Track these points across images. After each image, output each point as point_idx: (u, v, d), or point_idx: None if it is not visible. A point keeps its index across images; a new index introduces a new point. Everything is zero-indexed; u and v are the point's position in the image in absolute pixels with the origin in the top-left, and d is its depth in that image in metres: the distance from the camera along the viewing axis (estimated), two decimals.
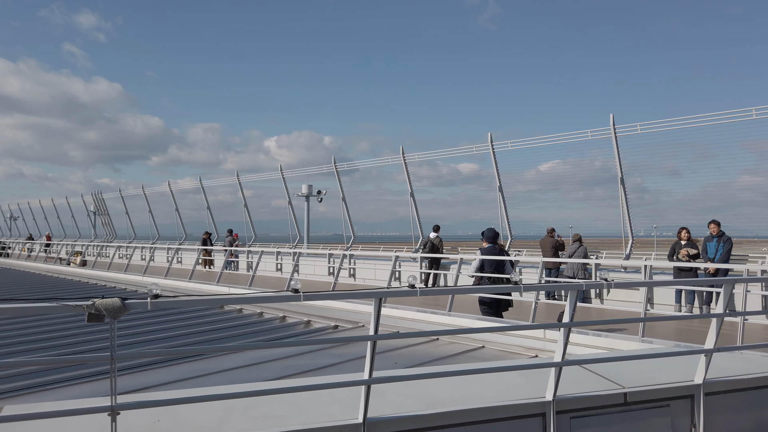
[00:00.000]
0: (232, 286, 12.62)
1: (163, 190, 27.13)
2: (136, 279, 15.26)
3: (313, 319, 8.60)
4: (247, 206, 22.43)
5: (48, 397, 4.52)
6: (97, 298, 2.77)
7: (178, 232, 25.95)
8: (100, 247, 23.85)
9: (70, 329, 7.61)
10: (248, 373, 5.45)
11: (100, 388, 4.66)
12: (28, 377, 5.05)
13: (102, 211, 31.88)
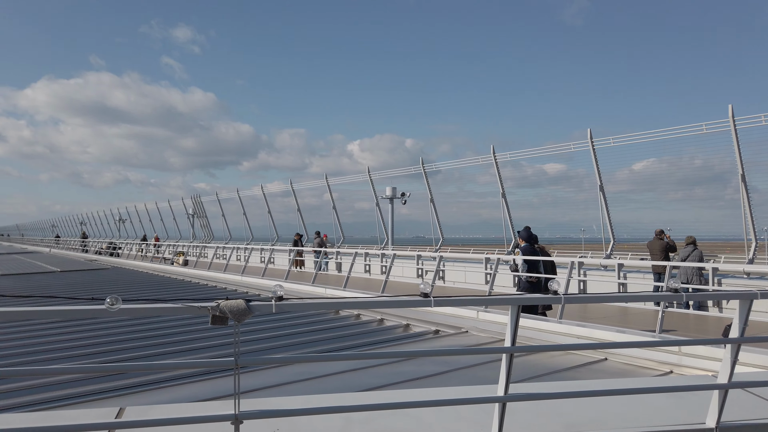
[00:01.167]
0: (328, 287, 12.63)
1: (253, 193, 28.11)
2: (235, 279, 15.72)
3: (412, 322, 8.33)
4: (336, 208, 22.70)
5: (166, 395, 4.53)
6: (222, 300, 2.62)
7: (270, 234, 26.76)
8: (199, 248, 24.98)
9: (184, 328, 7.75)
10: (355, 378, 5.24)
11: (217, 387, 4.64)
12: (147, 374, 5.12)
13: (200, 214, 33.54)
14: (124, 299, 2.40)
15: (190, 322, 7.92)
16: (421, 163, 18.46)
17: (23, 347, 6.93)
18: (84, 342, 7.08)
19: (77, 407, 4.12)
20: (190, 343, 6.82)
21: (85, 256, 32.12)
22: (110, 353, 6.45)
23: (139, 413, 3.32)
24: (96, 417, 3.22)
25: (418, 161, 18.70)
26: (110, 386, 4.81)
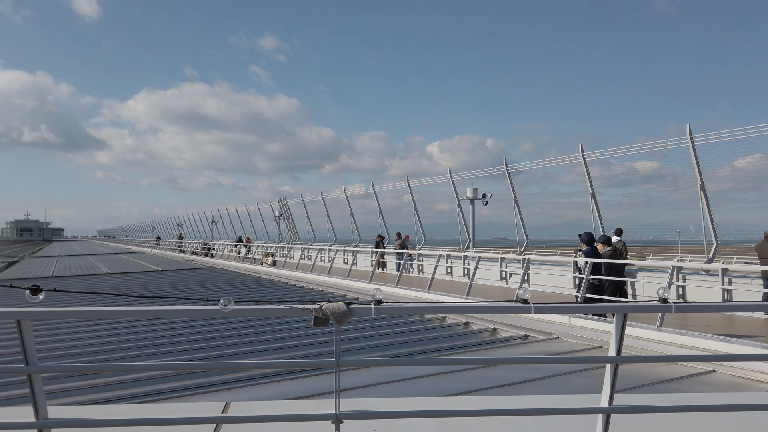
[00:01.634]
0: (412, 289, 12.68)
1: (335, 196, 28.73)
2: (321, 279, 16.14)
3: (499, 326, 8.19)
4: (417, 210, 22.74)
5: (268, 391, 4.73)
6: (323, 302, 2.70)
7: (353, 235, 27.26)
8: (286, 249, 25.87)
9: (277, 326, 8.05)
10: (445, 381, 5.23)
11: (314, 385, 4.79)
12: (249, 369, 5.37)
13: (286, 216, 34.76)
14: (197, 298, 2.54)
15: (282, 321, 8.22)
16: (504, 163, 18.12)
17: (128, 342, 7.48)
18: (186, 338, 7.54)
19: (186, 400, 4.39)
20: (284, 341, 7.09)
21: (182, 256, 34.17)
22: (212, 349, 6.83)
23: (245, 409, 3.48)
24: (204, 411, 3.42)
25: (498, 161, 18.48)
26: (215, 380, 5.09)
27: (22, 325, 2.50)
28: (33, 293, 2.33)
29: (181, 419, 3.10)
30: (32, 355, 2.58)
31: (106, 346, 7.14)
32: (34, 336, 2.59)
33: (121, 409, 3.47)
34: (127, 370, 5.47)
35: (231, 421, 3.17)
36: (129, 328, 8.25)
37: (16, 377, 5.10)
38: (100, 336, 7.84)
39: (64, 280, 18.25)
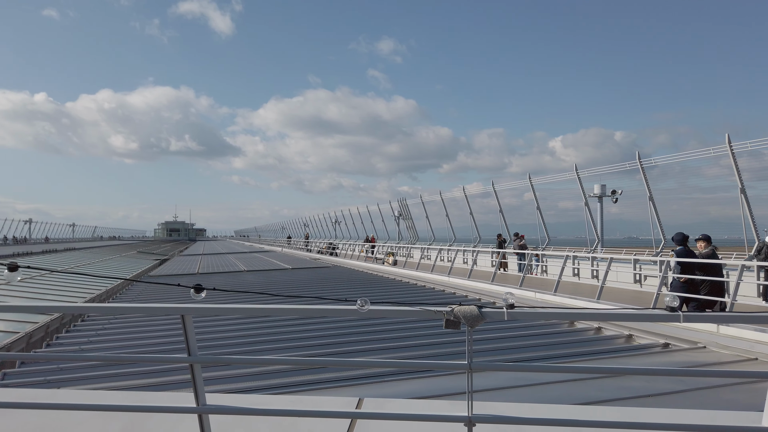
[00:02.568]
0: (537, 291, 12.30)
1: (453, 195, 28.61)
2: (441, 279, 16.19)
3: (635, 333, 7.68)
4: (540, 208, 21.99)
5: (399, 389, 4.87)
6: (455, 305, 2.73)
7: (472, 235, 27.00)
8: (406, 249, 26.26)
9: (410, 330, 8.22)
10: (576, 389, 5.02)
11: (444, 385, 4.85)
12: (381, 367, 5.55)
13: (406, 216, 35.31)
14: (348, 298, 2.65)
15: (407, 320, 8.36)
16: (637, 157, 16.93)
17: (265, 336, 8.03)
18: (314, 334, 7.95)
19: (319, 394, 4.64)
20: (409, 339, 7.23)
21: (309, 255, 35.97)
22: (341, 345, 7.15)
23: (377, 405, 3.61)
24: (339, 405, 3.59)
25: (628, 155, 17.39)
26: (346, 376, 5.32)
27: (185, 320, 2.80)
28: (196, 291, 2.60)
29: (319, 412, 3.28)
30: (193, 346, 2.88)
31: (244, 339, 7.74)
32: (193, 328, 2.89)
33: (264, 399, 3.75)
34: (275, 363, 5.86)
35: (365, 417, 3.30)
36: (267, 324, 8.85)
37: (178, 365, 5.70)
38: (241, 329, 8.51)
39: (207, 277, 20.01)
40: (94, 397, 3.81)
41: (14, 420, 3.52)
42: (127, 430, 3.39)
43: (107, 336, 8.76)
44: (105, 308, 2.95)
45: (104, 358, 5.22)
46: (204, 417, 2.97)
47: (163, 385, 5.26)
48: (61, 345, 8.18)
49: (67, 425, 3.47)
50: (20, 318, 10.44)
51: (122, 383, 5.32)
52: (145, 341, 8.10)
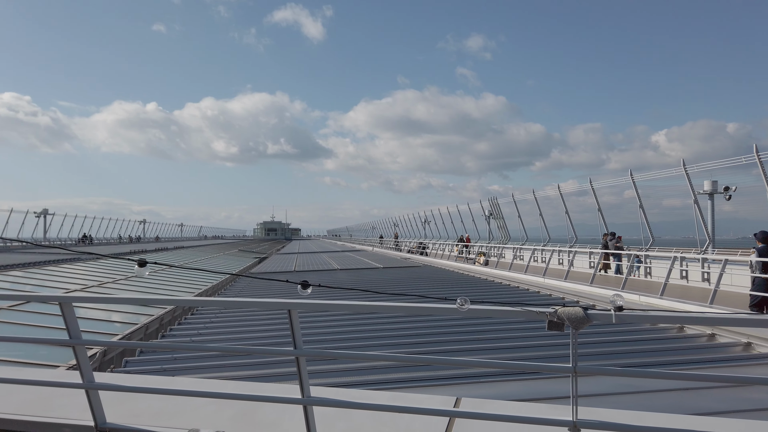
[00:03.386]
0: (642, 294, 11.65)
1: (547, 194, 27.67)
2: (536, 280, 15.76)
3: (754, 341, 7.06)
4: (643, 207, 20.74)
5: (497, 390, 4.82)
6: (558, 306, 2.66)
7: (567, 234, 26.00)
8: (497, 249, 25.78)
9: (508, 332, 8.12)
10: (687, 399, 4.73)
11: (543, 388, 4.74)
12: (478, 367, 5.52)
13: (497, 215, 34.67)
14: (442, 297, 2.65)
15: (504, 320, 8.22)
16: (754, 150, 15.52)
17: (363, 332, 8.20)
18: (411, 332, 8.01)
19: (417, 391, 4.69)
20: (507, 341, 7.11)
21: (400, 255, 36.30)
22: (437, 344, 7.17)
23: (475, 405, 3.59)
24: (437, 403, 3.61)
25: (743, 149, 15.95)
26: (444, 374, 5.34)
27: (292, 315, 2.94)
28: (303, 287, 2.72)
29: (419, 408, 3.31)
30: (299, 340, 3.02)
31: (344, 335, 7.96)
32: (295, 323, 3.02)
33: (364, 394, 3.85)
34: (376, 359, 6.00)
35: (464, 416, 3.29)
36: (368, 320, 9.04)
37: (284, 358, 5.97)
38: (343, 325, 8.75)
39: (303, 275, 20.77)
40: (208, 385, 4.09)
41: (138, 403, 3.86)
42: (238, 417, 3.61)
43: (215, 328, 9.35)
44: (221, 302, 3.17)
45: (218, 348, 5.59)
46: (309, 408, 3.10)
47: (269, 376, 5.54)
48: (174, 336, 8.84)
49: (184, 410, 3.75)
50: (137, 310, 11.38)
51: (232, 373, 5.67)
52: (250, 334, 8.55)
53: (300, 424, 3.20)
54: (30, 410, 3.80)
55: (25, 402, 3.93)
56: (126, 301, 6.39)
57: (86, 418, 3.55)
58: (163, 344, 7.66)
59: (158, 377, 4.86)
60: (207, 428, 3.37)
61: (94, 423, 3.48)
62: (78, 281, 15.71)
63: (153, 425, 3.49)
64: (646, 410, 4.23)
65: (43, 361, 7.30)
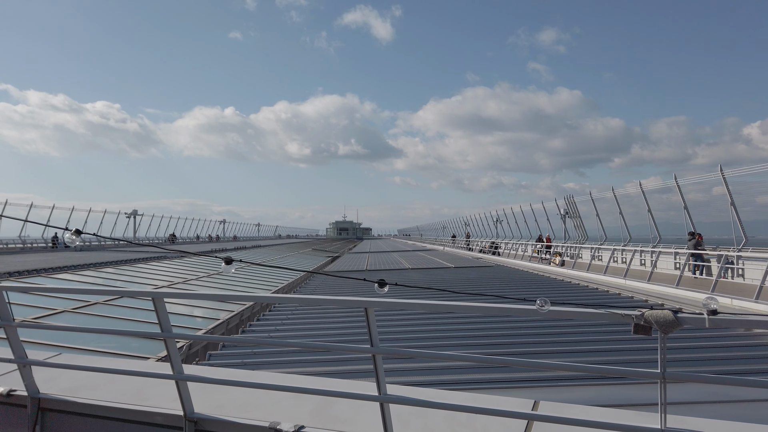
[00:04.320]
0: (734, 297, 10.92)
1: (627, 191, 26.42)
2: (616, 281, 15.13)
3: None
4: (734, 204, 19.40)
5: (576, 394, 4.68)
6: (646, 309, 2.54)
7: (650, 233, 24.74)
8: (574, 248, 24.94)
9: (588, 334, 7.87)
10: None
11: (622, 393, 4.55)
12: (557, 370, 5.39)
13: (573, 214, 33.53)
14: (518, 298, 2.58)
15: (582, 323, 7.96)
16: None
17: (437, 332, 8.18)
18: (486, 333, 7.91)
19: (492, 393, 4.62)
20: (587, 344, 6.88)
21: (471, 254, 35.92)
22: (513, 345, 7.04)
23: (554, 409, 3.49)
24: (514, 405, 3.54)
25: None
26: (520, 377, 5.24)
27: (368, 313, 2.98)
28: (380, 286, 2.76)
29: (496, 410, 3.26)
30: (375, 338, 3.05)
31: (419, 334, 7.97)
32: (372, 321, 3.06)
33: (440, 393, 3.84)
34: (452, 359, 5.98)
35: (543, 420, 3.21)
36: (442, 320, 9.01)
37: (359, 355, 6.07)
38: (418, 324, 8.77)
39: (375, 274, 20.98)
40: (288, 380, 4.22)
41: (222, 395, 4.04)
42: (315, 411, 3.70)
43: (291, 325, 9.64)
44: (301, 299, 3.26)
45: (298, 344, 5.77)
46: (385, 406, 3.13)
47: (344, 373, 5.65)
48: (252, 332, 9.19)
49: (265, 403, 3.89)
50: (218, 306, 11.91)
51: (309, 368, 5.83)
52: (324, 330, 8.75)
53: (375, 420, 3.23)
54: (126, 399, 4.07)
55: (121, 391, 4.22)
56: (215, 298, 6.71)
57: (175, 407, 3.76)
58: (247, 339, 7.98)
59: (241, 371, 5.07)
60: (287, 422, 3.48)
61: (183, 412, 3.68)
62: (164, 278, 16.65)
63: (237, 417, 3.64)
64: (741, 420, 3.97)
65: (133, 353, 7.81)
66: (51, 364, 4.49)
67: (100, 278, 15.79)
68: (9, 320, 3.95)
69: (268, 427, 3.45)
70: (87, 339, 8.30)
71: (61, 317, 9.68)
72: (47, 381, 4.26)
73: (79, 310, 10.23)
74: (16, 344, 4.00)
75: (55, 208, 40.55)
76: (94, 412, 4.04)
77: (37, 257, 24.40)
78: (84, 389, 4.25)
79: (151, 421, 3.87)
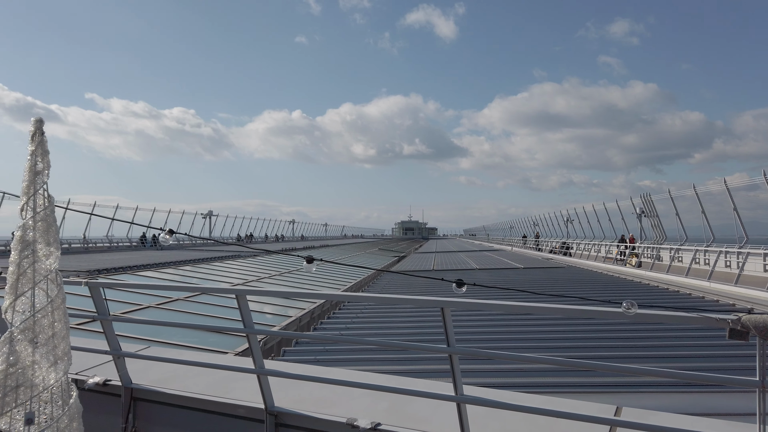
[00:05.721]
0: None
1: (708, 189, 24.90)
2: (699, 284, 14.33)
3: None
4: None
5: (660, 401, 4.48)
6: (743, 313, 2.40)
7: (736, 233, 23.23)
8: (653, 249, 23.82)
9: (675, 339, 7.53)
10: None
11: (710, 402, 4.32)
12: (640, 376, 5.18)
13: (651, 213, 32.01)
14: (588, 298, 2.49)
15: (664, 326, 7.59)
16: None
17: (515, 333, 8.02)
18: (571, 335, 7.69)
19: (573, 397, 4.50)
20: (677, 349, 6.56)
21: (541, 255, 35.07)
22: (600, 349, 6.78)
23: (639, 416, 3.36)
24: (595, 410, 3.44)
25: None
26: (601, 381, 5.07)
27: (444, 312, 2.98)
28: (458, 286, 2.75)
29: (576, 414, 3.18)
30: (452, 338, 3.05)
31: (495, 335, 7.87)
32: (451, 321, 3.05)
33: (517, 396, 3.78)
34: (531, 361, 5.86)
35: (627, 426, 3.10)
36: (517, 321, 8.86)
37: (438, 355, 6.06)
38: (492, 324, 8.67)
39: (441, 273, 20.89)
40: (365, 378, 4.29)
41: (299, 390, 4.16)
42: (391, 410, 3.73)
43: (360, 323, 9.77)
44: (380, 298, 3.31)
45: (376, 342, 5.84)
46: (462, 406, 3.12)
47: (417, 372, 5.66)
48: (324, 329, 9.38)
49: (341, 399, 3.97)
50: (288, 304, 12.25)
51: (381, 367, 5.88)
52: (393, 329, 8.80)
53: (451, 420, 3.23)
54: (210, 391, 4.27)
55: (205, 384, 4.43)
56: (297, 296, 7.00)
57: (256, 401, 3.91)
58: (326, 336, 8.17)
59: (317, 367, 5.18)
60: (364, 419, 3.54)
61: (264, 406, 3.82)
62: (237, 276, 17.31)
63: (315, 412, 3.74)
64: None
65: (212, 347, 8.16)
66: (143, 356, 4.78)
67: (179, 275, 16.62)
68: (105, 314, 4.24)
69: (345, 422, 3.52)
70: (168, 333, 8.76)
71: (145, 312, 10.26)
72: (138, 372, 4.54)
73: (162, 306, 10.81)
74: (112, 337, 4.28)
75: (138, 209, 43.08)
76: (181, 403, 4.27)
77: (123, 255, 25.99)
78: (172, 381, 4.49)
79: (234, 414, 4.04)
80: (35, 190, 2.07)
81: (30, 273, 1.92)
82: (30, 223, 2.01)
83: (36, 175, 2.09)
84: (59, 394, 2.04)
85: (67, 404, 2.10)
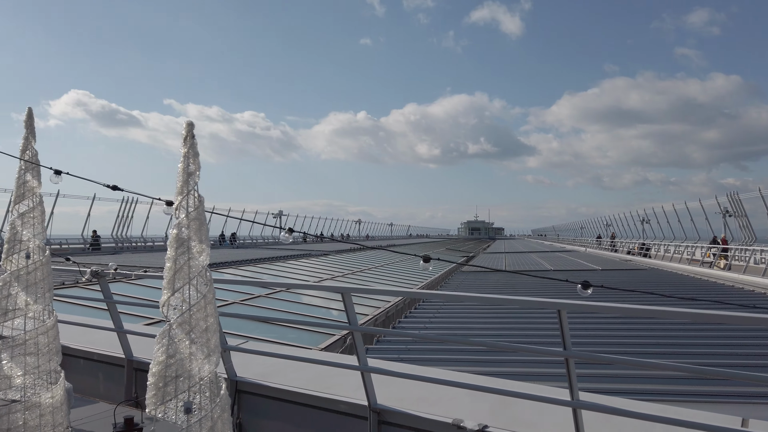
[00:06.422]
0: None
1: None
2: None
3: None
4: None
5: None
6: None
7: None
8: (742, 251, 22.37)
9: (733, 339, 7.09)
10: None
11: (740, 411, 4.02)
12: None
13: (738, 213, 30.06)
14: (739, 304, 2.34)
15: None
16: None
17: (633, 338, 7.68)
18: (693, 341, 7.33)
19: (695, 407, 4.27)
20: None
21: (618, 256, 33.73)
22: (723, 356, 6.50)
23: (765, 428, 3.16)
24: (720, 421, 3.26)
25: None
26: (726, 391, 4.80)
27: (561, 315, 2.91)
28: (584, 287, 2.68)
29: (700, 424, 3.02)
30: (568, 341, 2.97)
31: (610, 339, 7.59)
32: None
33: (635, 404, 3.62)
34: (651, 367, 5.65)
35: None
36: (629, 325, 8.54)
37: (553, 358, 5.93)
38: (608, 328, 8.40)
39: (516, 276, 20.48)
40: (469, 378, 4.25)
41: (398, 388, 4.15)
42: (496, 412, 3.69)
43: (438, 321, 9.74)
44: (484, 299, 3.28)
45: (484, 343, 5.80)
46: (578, 412, 3.04)
47: (517, 374, 5.56)
48: (402, 328, 9.41)
49: (442, 399, 3.95)
50: (360, 302, 12.39)
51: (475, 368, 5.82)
52: (473, 329, 8.70)
53: (563, 426, 3.15)
54: (310, 386, 4.37)
55: (305, 378, 4.54)
56: (400, 294, 7.04)
57: (357, 397, 3.97)
58: (429, 335, 8.11)
59: (417, 366, 5.15)
60: (470, 420, 3.51)
61: (368, 402, 3.86)
62: (313, 273, 17.69)
63: (418, 410, 3.75)
64: None
65: (298, 344, 8.36)
66: (245, 350, 4.96)
67: (258, 273, 17.18)
68: None
69: (451, 423, 3.51)
70: (249, 328, 9.04)
71: (231, 308, 10.66)
72: (238, 366, 4.71)
73: (246, 302, 11.21)
74: (219, 331, 4.47)
75: (214, 209, 44.91)
76: (284, 397, 4.39)
77: None
78: (273, 375, 4.64)
79: (336, 409, 4.11)
80: (188, 190, 2.20)
81: (186, 269, 2.05)
82: (185, 222, 2.14)
83: (189, 176, 2.22)
84: (210, 386, 2.15)
85: (218, 396, 2.22)
